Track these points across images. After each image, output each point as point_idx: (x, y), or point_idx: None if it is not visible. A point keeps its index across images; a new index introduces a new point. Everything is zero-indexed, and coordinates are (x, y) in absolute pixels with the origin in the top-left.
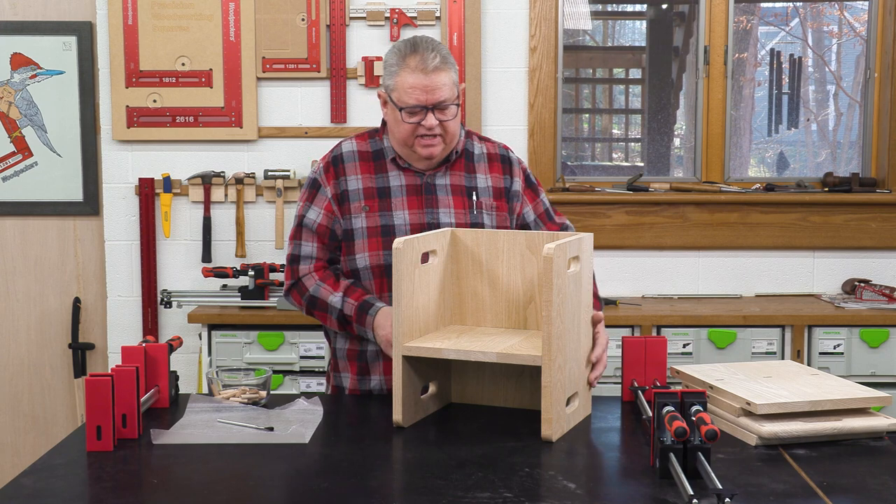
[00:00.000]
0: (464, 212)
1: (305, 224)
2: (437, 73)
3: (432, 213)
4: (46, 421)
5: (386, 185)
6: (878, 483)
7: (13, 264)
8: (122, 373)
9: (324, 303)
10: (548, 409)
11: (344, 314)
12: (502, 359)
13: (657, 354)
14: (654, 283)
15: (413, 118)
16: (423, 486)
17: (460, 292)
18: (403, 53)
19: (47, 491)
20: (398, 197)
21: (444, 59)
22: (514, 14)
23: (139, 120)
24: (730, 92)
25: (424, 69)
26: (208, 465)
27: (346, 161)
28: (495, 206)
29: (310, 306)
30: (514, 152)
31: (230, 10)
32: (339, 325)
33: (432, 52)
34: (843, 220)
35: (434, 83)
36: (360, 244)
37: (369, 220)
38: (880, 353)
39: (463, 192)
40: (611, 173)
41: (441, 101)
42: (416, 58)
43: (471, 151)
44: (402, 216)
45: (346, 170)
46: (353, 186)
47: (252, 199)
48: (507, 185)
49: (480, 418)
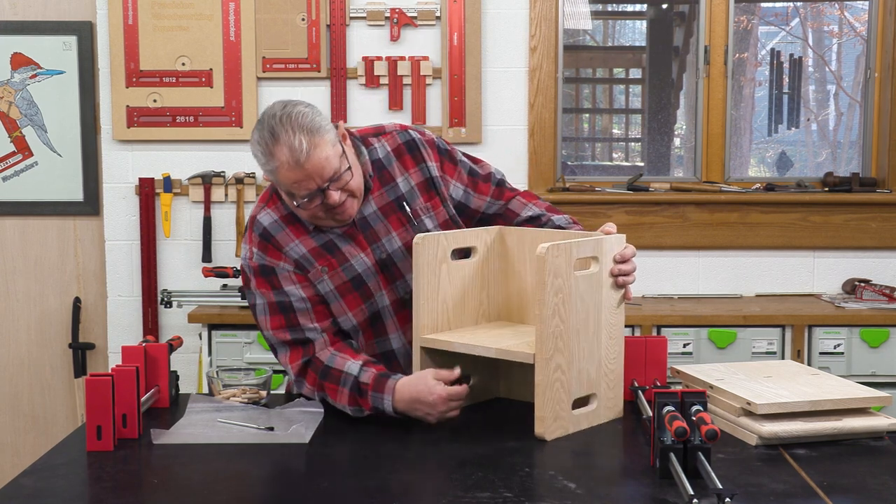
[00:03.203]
0: (404, 229)
1: (298, 308)
2: (312, 156)
3: (378, 247)
4: (46, 421)
5: (327, 239)
6: (878, 483)
7: (13, 264)
8: (122, 373)
9: (338, 372)
10: (540, 408)
11: (360, 382)
12: (500, 354)
13: (657, 354)
14: (654, 282)
15: (313, 203)
16: (424, 486)
17: (507, 290)
18: (268, 148)
19: (47, 491)
20: (346, 245)
21: (312, 134)
22: (515, 14)
23: (139, 120)
24: (730, 92)
25: (298, 161)
26: (208, 465)
27: (275, 233)
28: (429, 205)
29: (321, 378)
30: (413, 130)
31: (230, 9)
32: (349, 396)
33: (296, 137)
34: (844, 220)
35: (315, 168)
36: (338, 307)
37: (335, 280)
38: (880, 353)
39: (394, 209)
40: (611, 173)
41: (331, 177)
42: (283, 150)
43: (378, 159)
44: (362, 261)
45: (280, 242)
46: (300, 253)
47: (252, 199)
48: (426, 175)
49: (481, 417)
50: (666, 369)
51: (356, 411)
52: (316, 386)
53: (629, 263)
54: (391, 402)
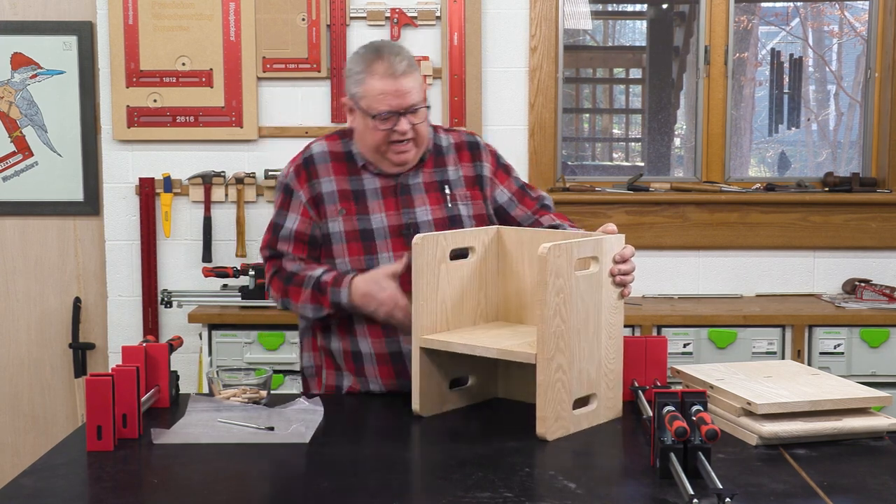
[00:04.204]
0: (439, 207)
1: (282, 234)
2: (406, 77)
3: (409, 213)
4: (46, 421)
5: (361, 187)
6: (878, 483)
7: (13, 264)
8: (122, 373)
9: (301, 277)
10: (542, 407)
11: (320, 280)
12: (501, 355)
13: (657, 354)
14: (654, 282)
15: (385, 125)
16: (424, 486)
17: (505, 290)
18: (368, 60)
19: (47, 491)
20: (374, 200)
21: (410, 63)
22: (515, 14)
23: (139, 120)
24: (730, 92)
25: (393, 74)
26: (208, 465)
27: (317, 163)
28: (469, 195)
29: (286, 283)
30: (481, 138)
31: (230, 9)
32: (311, 295)
33: (398, 57)
34: (844, 219)
35: (404, 87)
36: (340, 248)
37: (346, 224)
38: (880, 352)
39: (436, 188)
40: (611, 173)
41: (412, 105)
42: (383, 63)
43: (439, 145)
44: (380, 219)
45: (318, 172)
46: (328, 189)
47: (252, 199)
48: (478, 172)
49: (481, 418)
50: (666, 369)
51: (316, 310)
52: (280, 292)
53: (628, 263)
54: (347, 295)
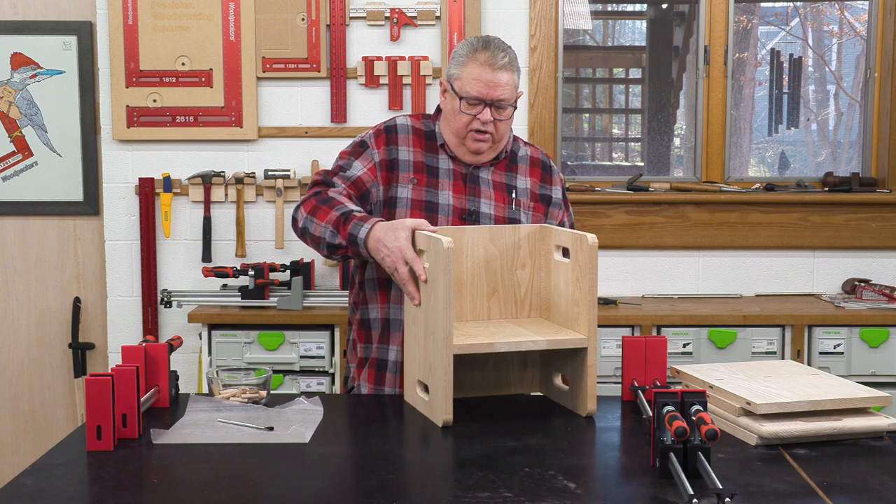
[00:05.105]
0: (503, 206)
1: (343, 173)
2: (503, 71)
3: (474, 201)
4: (46, 421)
5: (434, 164)
6: (878, 483)
7: (13, 264)
8: (122, 372)
9: (338, 202)
10: (592, 387)
11: (351, 212)
12: (551, 345)
13: (657, 354)
14: (654, 282)
15: (471, 109)
16: (423, 486)
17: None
18: (475, 47)
19: (47, 491)
20: (445, 179)
21: (511, 61)
22: (514, 14)
23: (139, 120)
24: (730, 92)
25: (492, 65)
26: (208, 465)
27: (399, 132)
28: (532, 206)
29: (320, 202)
30: (553, 162)
31: (230, 9)
32: (336, 219)
33: (502, 52)
34: (843, 219)
35: (498, 80)
36: (402, 213)
37: (415, 193)
38: (880, 352)
39: (503, 189)
40: (611, 173)
41: (500, 99)
42: (486, 53)
43: (515, 153)
44: (447, 196)
45: (398, 139)
46: (404, 157)
47: (252, 199)
48: (544, 192)
49: (481, 417)
50: (666, 369)
51: (332, 235)
52: (309, 210)
53: None
54: (367, 231)
